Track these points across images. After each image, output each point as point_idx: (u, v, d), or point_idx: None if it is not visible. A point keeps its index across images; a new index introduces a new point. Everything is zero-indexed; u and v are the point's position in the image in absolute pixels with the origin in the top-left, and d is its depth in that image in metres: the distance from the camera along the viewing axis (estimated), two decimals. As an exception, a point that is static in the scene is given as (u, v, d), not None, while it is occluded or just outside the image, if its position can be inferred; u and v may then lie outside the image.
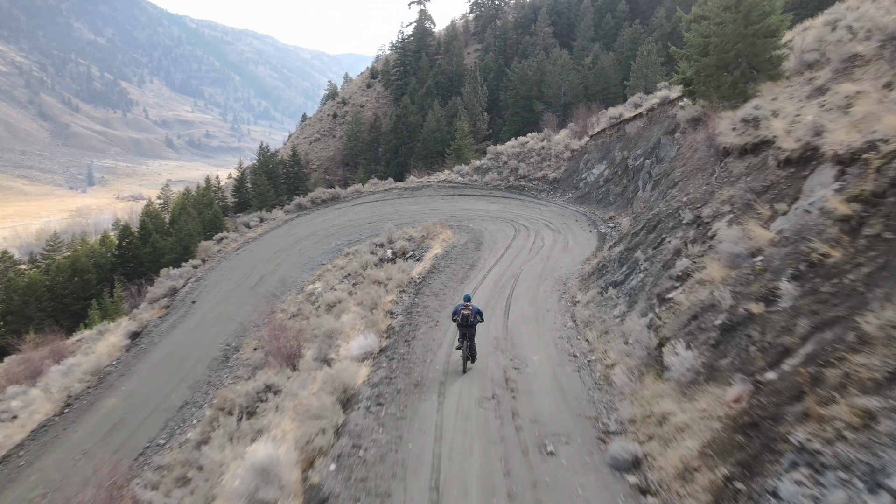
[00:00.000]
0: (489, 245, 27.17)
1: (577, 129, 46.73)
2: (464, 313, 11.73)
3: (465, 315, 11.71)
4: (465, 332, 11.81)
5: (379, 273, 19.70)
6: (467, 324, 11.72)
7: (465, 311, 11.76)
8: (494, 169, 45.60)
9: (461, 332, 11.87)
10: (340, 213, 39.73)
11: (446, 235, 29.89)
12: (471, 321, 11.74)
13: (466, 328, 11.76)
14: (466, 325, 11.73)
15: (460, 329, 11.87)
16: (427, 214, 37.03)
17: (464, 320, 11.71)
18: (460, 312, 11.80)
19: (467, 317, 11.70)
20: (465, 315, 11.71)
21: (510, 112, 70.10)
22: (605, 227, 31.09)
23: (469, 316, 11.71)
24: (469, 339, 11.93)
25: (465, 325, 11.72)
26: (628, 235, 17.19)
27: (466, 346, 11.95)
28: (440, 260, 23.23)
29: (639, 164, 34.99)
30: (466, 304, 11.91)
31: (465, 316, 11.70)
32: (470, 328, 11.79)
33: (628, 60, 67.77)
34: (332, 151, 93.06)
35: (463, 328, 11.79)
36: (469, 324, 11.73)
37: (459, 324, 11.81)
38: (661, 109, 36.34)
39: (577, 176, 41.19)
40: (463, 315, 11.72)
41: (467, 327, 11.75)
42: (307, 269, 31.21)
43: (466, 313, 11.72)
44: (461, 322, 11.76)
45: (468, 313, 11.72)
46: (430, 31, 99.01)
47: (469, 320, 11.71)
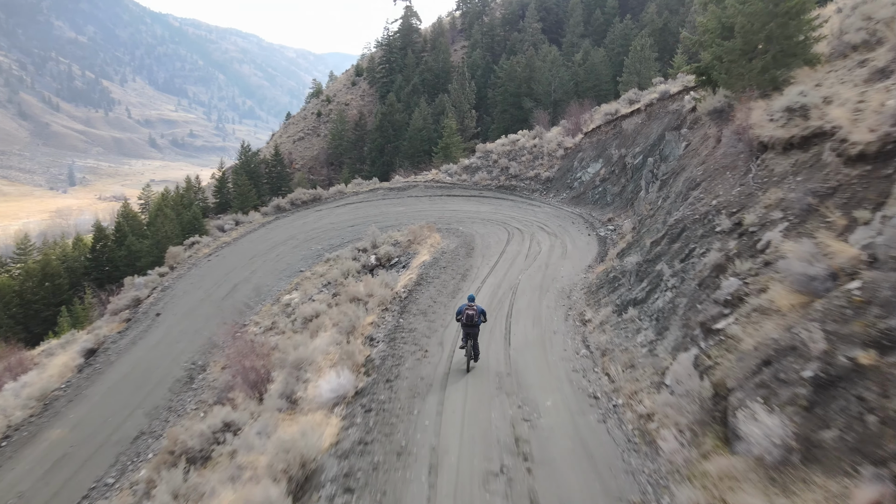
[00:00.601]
0: (481, 251, 24.86)
1: (569, 126, 44.54)
2: (468, 313, 11.67)
3: (469, 315, 11.66)
4: (468, 331, 11.77)
5: (358, 288, 17.15)
6: (471, 324, 11.68)
7: (469, 311, 11.69)
8: (484, 168, 43.30)
9: (465, 331, 11.81)
10: (321, 216, 37.21)
11: (434, 240, 27.54)
12: (475, 321, 11.69)
13: (470, 328, 11.73)
14: (471, 326, 11.70)
15: (464, 329, 11.81)
16: (414, 216, 34.65)
17: (468, 320, 11.66)
18: (465, 312, 11.71)
19: (472, 317, 11.65)
20: (469, 315, 11.66)
21: (499, 110, 67.81)
22: (605, 229, 28.90)
23: (473, 316, 11.65)
24: (473, 339, 11.87)
25: (470, 325, 11.69)
26: (645, 245, 14.91)
27: (470, 345, 11.88)
28: (428, 269, 20.86)
29: (638, 162, 32.86)
30: (471, 305, 11.82)
31: (469, 316, 11.65)
32: (474, 328, 11.75)
33: (620, 56, 65.79)
34: (317, 150, 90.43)
35: (467, 328, 11.75)
36: (473, 324, 11.69)
37: (464, 323, 11.74)
38: (660, 105, 34.22)
39: (571, 175, 38.99)
40: (467, 315, 11.66)
41: (471, 327, 11.72)
42: (284, 276, 28.71)
43: (471, 313, 11.66)
44: (465, 322, 11.69)
45: (472, 313, 11.66)
46: (415, 27, 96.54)
47: (473, 320, 11.67)
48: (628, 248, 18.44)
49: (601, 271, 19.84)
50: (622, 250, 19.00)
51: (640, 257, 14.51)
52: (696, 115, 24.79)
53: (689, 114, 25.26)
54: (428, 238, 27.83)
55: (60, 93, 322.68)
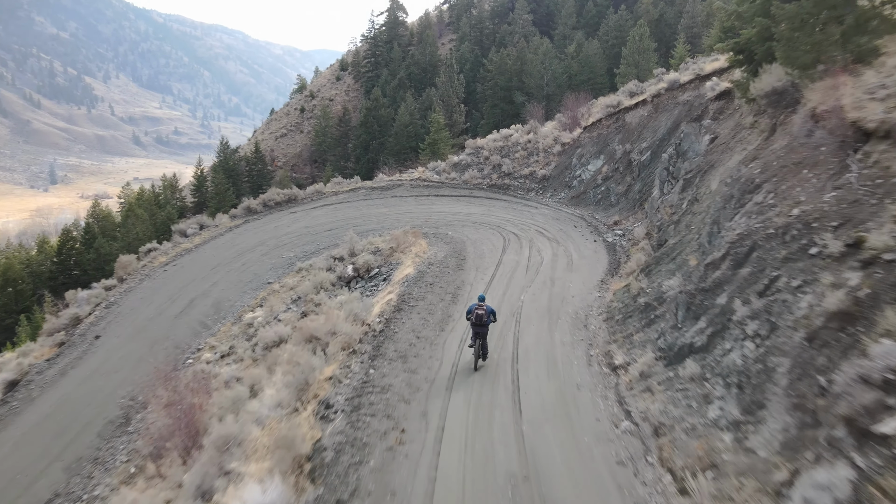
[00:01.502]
0: (474, 261, 21.32)
1: (566, 120, 41.07)
2: (478, 313, 11.59)
3: (479, 315, 11.58)
4: (478, 331, 11.67)
5: (316, 323, 13.19)
6: (481, 323, 11.61)
7: (479, 310, 11.62)
8: (475, 165, 39.72)
9: (474, 330, 11.70)
10: (296, 218, 33.48)
11: (420, 247, 23.97)
12: (484, 321, 11.62)
13: (480, 327, 11.64)
14: (480, 325, 11.62)
15: (473, 328, 11.70)
16: (398, 219, 31.05)
17: (478, 320, 11.58)
18: (474, 312, 11.64)
19: (481, 317, 11.57)
20: (479, 315, 11.58)
21: (488, 104, 64.22)
22: (612, 234, 25.47)
23: (483, 316, 11.59)
24: (482, 338, 11.77)
25: (479, 324, 11.61)
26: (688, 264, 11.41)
27: (479, 344, 11.75)
28: (412, 286, 17.29)
29: (646, 159, 29.48)
30: (481, 304, 11.77)
31: (479, 316, 11.57)
32: (483, 328, 11.66)
33: (615, 49, 62.53)
34: (300, 148, 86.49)
35: (476, 327, 11.65)
36: (483, 323, 11.62)
37: (473, 323, 11.66)
38: (669, 95, 30.85)
39: (569, 173, 35.53)
40: (477, 315, 11.58)
41: (480, 326, 11.63)
42: (249, 289, 25.02)
43: (480, 313, 11.59)
44: (475, 322, 11.61)
45: (482, 313, 11.59)
46: (402, 21, 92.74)
47: (483, 320, 11.60)
48: (656, 263, 14.96)
49: (620, 289, 16.36)
50: (648, 265, 15.52)
51: (686, 282, 11.00)
52: (721, 104, 21.41)
53: (713, 102, 21.85)
54: (413, 245, 24.26)
55: (42, 90, 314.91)
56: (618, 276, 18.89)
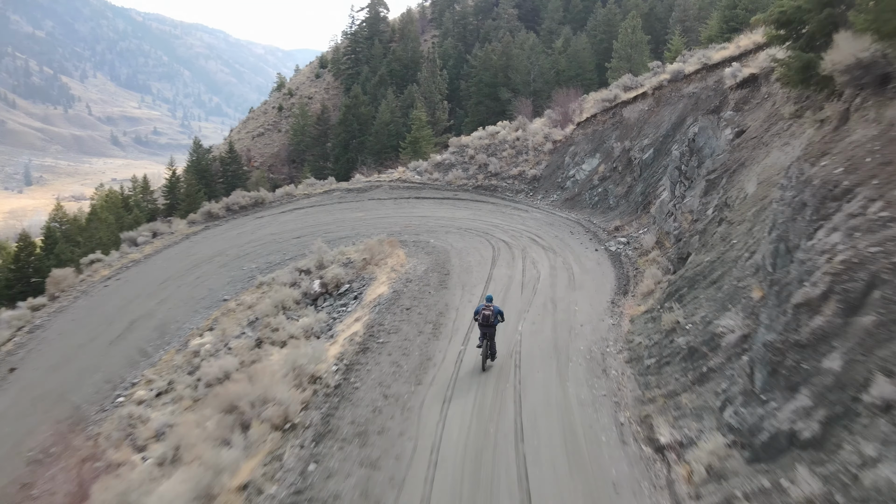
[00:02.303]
0: (460, 276, 18.12)
1: (556, 116, 38.03)
2: (485, 314, 11.37)
3: (486, 315, 11.36)
4: (485, 331, 11.47)
5: (239, 387, 9.40)
6: (488, 324, 11.38)
7: (486, 311, 11.38)
8: (459, 165, 36.52)
9: (482, 331, 11.50)
10: (262, 224, 30.03)
11: (398, 259, 20.72)
12: (491, 321, 11.38)
13: (487, 328, 11.43)
14: (487, 325, 11.39)
15: (481, 328, 11.50)
16: (375, 225, 27.76)
17: (484, 320, 11.37)
18: (482, 313, 11.44)
19: (488, 317, 11.35)
20: (486, 315, 11.36)
21: (473, 101, 60.98)
22: (615, 242, 22.40)
23: (490, 316, 11.35)
24: (489, 339, 11.60)
25: (486, 325, 11.38)
26: (768, 302, 8.24)
27: (486, 344, 11.57)
28: (384, 312, 14.05)
29: (648, 157, 26.49)
30: (488, 305, 11.52)
31: (486, 316, 11.35)
32: (490, 328, 11.47)
33: (603, 44, 59.73)
34: (277, 147, 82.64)
35: (484, 328, 11.44)
36: (490, 324, 11.40)
37: (480, 323, 11.47)
38: (673, 88, 27.90)
39: (562, 173, 32.46)
40: (484, 315, 11.37)
41: (488, 327, 11.43)
42: (202, 308, 21.61)
43: (488, 314, 11.36)
44: (482, 322, 11.42)
45: (489, 314, 11.37)
46: (383, 17, 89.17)
47: (490, 320, 11.36)
48: (688, 285, 11.84)
49: (639, 316, 13.25)
50: (675, 287, 12.40)
51: (753, 324, 7.87)
52: (744, 93, 18.40)
53: (734, 92, 18.83)
54: (389, 256, 21.00)
55: (17, 89, 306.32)
56: (631, 295, 15.81)
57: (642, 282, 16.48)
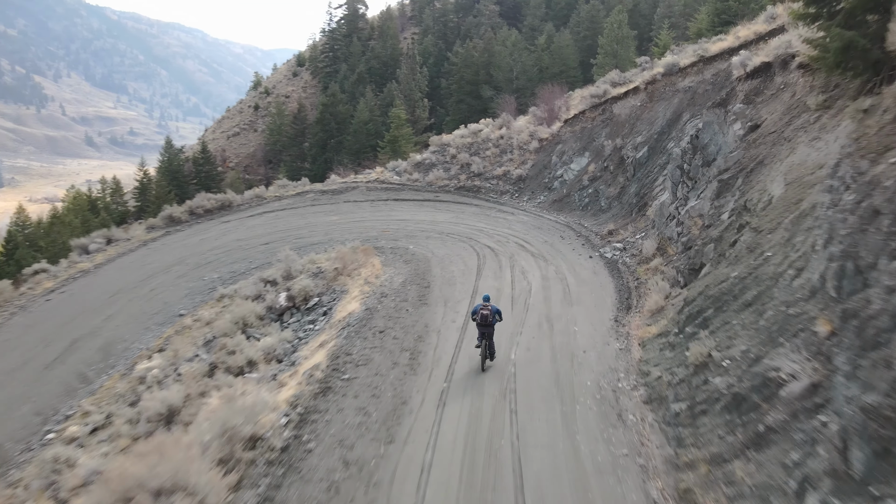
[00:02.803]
0: (441, 290, 16.05)
1: (542, 113, 36.16)
2: (483, 313, 10.88)
3: (484, 315, 10.87)
4: (484, 331, 11.00)
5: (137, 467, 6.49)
6: (486, 324, 10.92)
7: (484, 311, 10.89)
8: (440, 165, 34.45)
9: (480, 331, 11.04)
10: (228, 229, 27.67)
11: (372, 269, 18.60)
12: (490, 321, 10.92)
13: (486, 328, 10.97)
14: (486, 326, 10.94)
15: (479, 328, 11.04)
16: (350, 229, 25.59)
17: (483, 320, 10.89)
18: (479, 312, 10.94)
19: (486, 317, 10.87)
20: (484, 315, 10.87)
21: (454, 100, 58.95)
22: (610, 248, 20.49)
23: (488, 316, 10.87)
24: (488, 338, 11.12)
25: (485, 325, 10.93)
26: (843, 342, 6.28)
27: (485, 344, 11.09)
28: (353, 336, 11.94)
29: (642, 156, 24.68)
30: (486, 305, 11.01)
31: (484, 316, 10.87)
32: (489, 328, 11.00)
33: (587, 40, 58.13)
34: (253, 147, 79.74)
35: (482, 328, 10.98)
36: (488, 324, 10.93)
37: (479, 323, 10.98)
38: (666, 82, 26.13)
39: (549, 173, 30.54)
40: (482, 315, 10.88)
41: (486, 327, 10.96)
42: (154, 325, 19.28)
43: (486, 314, 10.87)
44: (480, 322, 10.94)
45: (487, 314, 10.87)
46: (361, 14, 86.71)
47: (488, 320, 10.90)
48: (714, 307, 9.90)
49: (651, 339, 11.31)
50: (697, 308, 10.46)
51: (829, 376, 5.93)
52: (756, 84, 16.54)
53: (742, 83, 16.98)
54: (364, 266, 18.88)
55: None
56: (636, 312, 13.86)
57: (648, 296, 14.57)
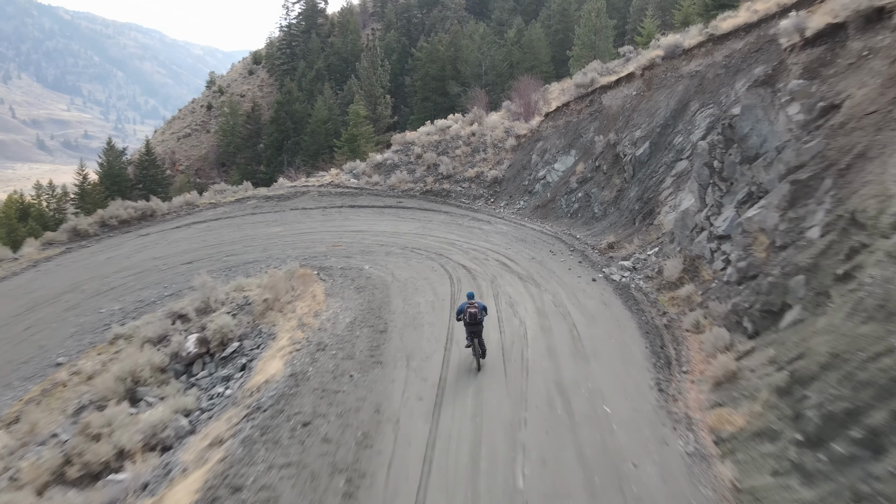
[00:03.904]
0: (403, 335, 11.51)
1: (517, 108, 31.91)
2: (470, 311, 10.03)
3: (472, 314, 10.02)
4: (473, 329, 10.17)
5: None
6: (475, 322, 10.08)
7: (471, 309, 10.05)
8: (404, 166, 29.86)
9: (469, 330, 10.21)
10: (145, 244, 22.55)
11: (312, 302, 13.93)
12: (479, 319, 10.07)
13: (475, 326, 10.13)
14: (475, 324, 10.10)
15: (468, 328, 10.21)
16: (294, 243, 20.81)
17: (472, 319, 10.04)
18: (466, 311, 10.10)
19: (475, 315, 10.02)
20: (472, 314, 10.02)
21: (418, 97, 54.39)
22: (616, 268, 16.19)
23: (476, 314, 10.03)
24: (477, 336, 10.27)
25: (474, 323, 10.09)
26: None
27: (476, 343, 10.28)
28: (256, 441, 7.26)
29: (642, 152, 20.56)
30: (472, 303, 10.19)
31: (472, 315, 10.02)
32: (478, 325, 10.15)
33: (558, 34, 54.31)
34: (206, 149, 73.63)
35: (471, 326, 10.14)
36: (477, 322, 10.08)
37: (467, 322, 10.12)
38: (667, 66, 22.07)
39: (529, 174, 26.24)
40: (471, 314, 10.03)
41: (475, 325, 10.12)
42: (18, 379, 14.19)
43: (474, 311, 10.02)
44: (469, 321, 10.08)
45: (475, 311, 10.02)
46: (321, 9, 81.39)
47: (477, 318, 10.05)
48: (876, 398, 5.59)
49: (751, 444, 7.03)
50: (855, 410, 6.17)
51: None
52: (817, 54, 12.39)
53: (796, 53, 12.85)
54: (302, 297, 14.20)
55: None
56: (684, 370, 9.54)
57: (692, 344, 10.29)
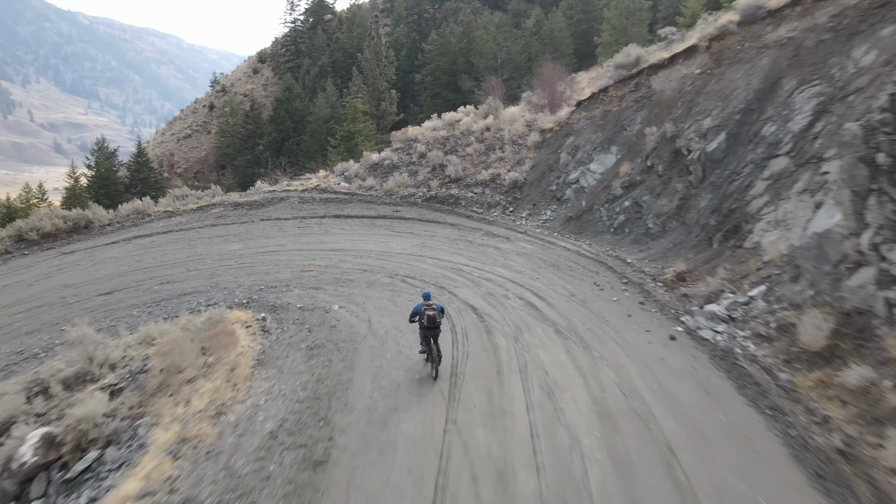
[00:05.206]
0: (358, 471, 6.21)
1: (540, 100, 26.46)
2: (428, 314, 8.82)
3: (430, 317, 8.81)
4: (429, 334, 9.01)
5: None
6: (433, 326, 8.88)
7: (428, 311, 8.85)
8: (404, 167, 24.55)
9: (426, 334, 9.06)
10: (63, 266, 17.38)
11: (226, 381, 8.60)
12: (437, 322, 8.87)
13: (431, 330, 8.96)
14: (432, 328, 8.92)
15: (424, 331, 9.06)
16: (252, 267, 15.56)
17: (430, 322, 8.84)
18: (424, 314, 8.89)
19: (433, 318, 8.81)
20: (430, 317, 8.81)
21: (428, 93, 49.09)
22: (702, 317, 10.69)
23: (435, 317, 8.82)
24: (434, 341, 9.06)
25: (431, 327, 8.90)
26: None
27: (435, 348, 9.03)
28: None
29: (716, 147, 15.03)
30: (429, 304, 8.97)
31: (430, 318, 8.81)
32: (435, 330, 8.97)
33: (581, 25, 48.78)
34: (205, 151, 68.71)
35: (427, 331, 8.99)
36: (435, 325, 8.89)
37: (424, 326, 8.96)
38: (745, 35, 16.52)
39: (558, 176, 20.79)
40: (428, 317, 8.82)
41: (432, 329, 8.94)
42: None
43: (431, 314, 8.81)
44: (427, 325, 8.88)
45: (433, 314, 8.82)
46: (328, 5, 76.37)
47: (436, 321, 8.85)
48: None
49: None
50: None
51: None
52: None
53: None
54: (215, 368, 8.90)
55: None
56: None
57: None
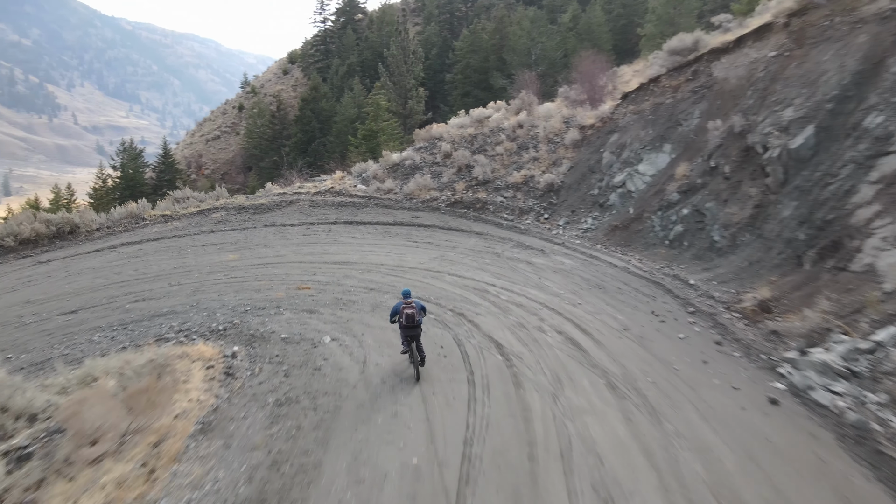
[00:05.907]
0: None
1: (579, 93, 23.68)
2: (407, 313, 8.45)
3: (409, 315, 8.46)
4: (410, 333, 8.63)
5: None
6: (413, 325, 8.55)
7: (407, 310, 8.47)
8: (427, 168, 22.06)
9: (406, 334, 8.66)
10: (33, 278, 15.34)
11: (143, 465, 6.17)
12: (417, 321, 8.56)
13: (412, 329, 8.60)
14: (412, 327, 8.57)
15: (405, 331, 8.66)
16: (241, 282, 13.26)
17: (409, 321, 8.49)
18: (403, 312, 8.50)
19: (412, 317, 8.47)
20: (409, 315, 8.46)
21: (458, 92, 46.61)
22: (802, 363, 7.88)
23: (414, 316, 8.49)
24: (416, 340, 8.76)
25: (411, 326, 8.55)
26: None
27: (415, 349, 8.76)
28: None
29: (802, 144, 12.02)
30: (408, 302, 8.60)
31: (409, 316, 8.46)
32: (416, 329, 8.65)
33: (620, 20, 45.78)
34: (233, 152, 67.67)
35: (408, 330, 8.60)
36: (416, 324, 8.58)
37: (403, 325, 8.58)
38: (834, 7, 13.53)
39: (600, 179, 18.02)
40: (407, 315, 8.46)
41: (413, 328, 8.60)
42: None
43: (411, 313, 8.45)
44: (406, 324, 8.52)
45: (412, 312, 8.46)
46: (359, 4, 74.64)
47: (415, 320, 8.53)
48: None
49: None
50: None
51: None
52: None
53: None
54: (143, 434, 6.49)
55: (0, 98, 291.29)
56: None
57: None
